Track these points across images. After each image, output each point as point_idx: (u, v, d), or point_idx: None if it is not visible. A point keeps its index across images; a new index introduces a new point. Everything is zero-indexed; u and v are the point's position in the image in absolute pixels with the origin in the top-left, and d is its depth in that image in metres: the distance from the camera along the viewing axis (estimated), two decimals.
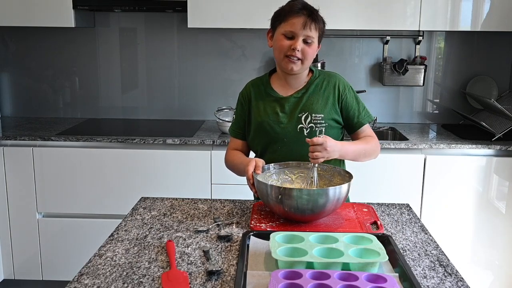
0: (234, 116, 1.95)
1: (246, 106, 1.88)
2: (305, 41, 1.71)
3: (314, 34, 1.71)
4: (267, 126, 1.80)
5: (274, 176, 1.71)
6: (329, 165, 1.70)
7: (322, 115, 1.79)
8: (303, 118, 1.78)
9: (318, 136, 1.62)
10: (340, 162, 1.89)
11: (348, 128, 1.88)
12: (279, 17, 1.75)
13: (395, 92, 3.33)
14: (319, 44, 1.77)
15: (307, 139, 1.62)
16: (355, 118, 1.84)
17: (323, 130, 1.75)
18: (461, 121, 3.30)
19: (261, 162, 1.65)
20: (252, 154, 1.92)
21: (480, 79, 3.27)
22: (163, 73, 3.36)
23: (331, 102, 1.81)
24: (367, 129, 1.87)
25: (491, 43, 3.24)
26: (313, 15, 1.71)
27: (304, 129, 1.79)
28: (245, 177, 1.65)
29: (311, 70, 1.87)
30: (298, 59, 1.72)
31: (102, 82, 3.39)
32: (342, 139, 1.87)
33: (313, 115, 1.78)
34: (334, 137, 1.76)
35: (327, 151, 1.59)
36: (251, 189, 1.64)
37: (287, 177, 1.72)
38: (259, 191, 1.56)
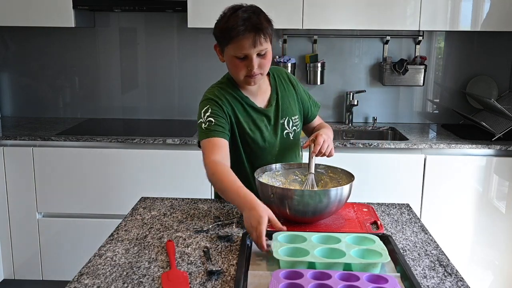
0: (210, 119, 1.66)
1: (229, 112, 1.71)
2: (259, 55, 1.62)
3: (266, 45, 1.61)
4: (261, 141, 1.76)
5: (281, 177, 1.71)
6: (337, 168, 1.70)
7: (297, 116, 1.84)
8: (285, 123, 1.81)
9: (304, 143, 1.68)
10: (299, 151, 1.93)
11: (303, 121, 1.91)
12: (223, 37, 1.62)
13: (395, 92, 3.33)
14: (271, 42, 1.67)
15: (313, 151, 1.64)
16: (309, 111, 1.90)
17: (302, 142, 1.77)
18: (461, 121, 3.30)
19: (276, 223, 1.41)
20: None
21: (480, 79, 3.27)
22: (163, 73, 3.36)
23: (295, 98, 1.85)
24: (318, 118, 1.95)
25: (491, 43, 3.24)
26: (260, 29, 1.58)
27: (290, 134, 1.82)
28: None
29: None
30: (259, 73, 1.66)
31: (102, 82, 3.39)
32: None
33: (292, 118, 1.82)
34: (299, 133, 1.86)
35: (327, 142, 1.66)
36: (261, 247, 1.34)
37: (297, 177, 1.73)
38: (262, 192, 1.55)
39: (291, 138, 1.82)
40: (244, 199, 1.43)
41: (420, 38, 3.21)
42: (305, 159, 1.87)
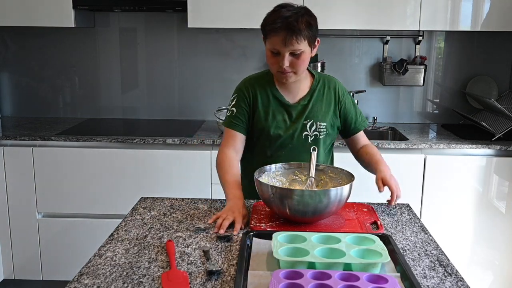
0: (233, 108, 1.83)
1: (251, 102, 1.82)
2: (292, 54, 1.67)
3: (299, 46, 1.65)
4: (274, 132, 1.80)
5: (281, 177, 1.71)
6: (337, 168, 1.70)
7: (325, 124, 1.83)
8: (308, 125, 1.82)
9: (313, 152, 1.67)
10: (328, 159, 1.93)
11: (344, 132, 1.92)
12: (263, 30, 1.71)
13: (395, 92, 3.33)
14: (314, 45, 1.71)
15: (389, 201, 1.69)
16: (352, 124, 1.89)
17: (316, 149, 1.73)
18: (461, 121, 3.30)
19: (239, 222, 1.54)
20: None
21: (480, 79, 3.27)
22: (163, 73, 3.36)
23: (333, 108, 1.85)
24: (362, 135, 1.93)
25: (491, 43, 3.24)
26: (293, 30, 1.62)
27: (309, 137, 1.82)
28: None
29: (311, 73, 1.88)
30: (290, 71, 1.71)
31: (102, 82, 3.39)
32: (333, 142, 1.93)
33: (318, 123, 1.82)
34: (329, 142, 1.86)
35: (396, 185, 1.73)
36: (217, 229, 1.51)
37: (297, 177, 1.73)
38: (262, 192, 1.55)
39: (309, 141, 1.82)
40: (228, 189, 1.68)
41: (420, 38, 3.21)
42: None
